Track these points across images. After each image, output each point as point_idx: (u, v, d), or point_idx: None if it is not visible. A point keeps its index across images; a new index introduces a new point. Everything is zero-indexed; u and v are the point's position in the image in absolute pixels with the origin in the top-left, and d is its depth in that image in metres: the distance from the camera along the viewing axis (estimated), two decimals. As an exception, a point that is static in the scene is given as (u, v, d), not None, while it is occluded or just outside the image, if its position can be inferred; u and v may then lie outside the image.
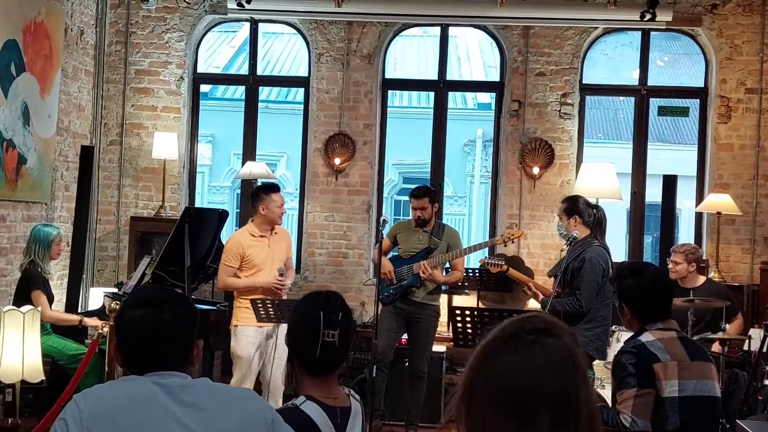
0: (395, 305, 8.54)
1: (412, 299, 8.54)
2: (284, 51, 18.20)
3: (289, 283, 7.98)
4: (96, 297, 9.84)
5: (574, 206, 7.38)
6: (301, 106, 11.47)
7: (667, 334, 4.50)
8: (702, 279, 8.59)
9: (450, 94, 11.58)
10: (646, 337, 4.49)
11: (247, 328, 7.68)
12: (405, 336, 8.85)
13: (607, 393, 6.15)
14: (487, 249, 10.70)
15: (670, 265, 8.43)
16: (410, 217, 8.78)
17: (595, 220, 7.30)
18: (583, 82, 10.81)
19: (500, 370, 1.87)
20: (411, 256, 8.61)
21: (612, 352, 7.04)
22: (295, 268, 10.64)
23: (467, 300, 9.94)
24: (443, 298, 9.76)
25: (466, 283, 9.84)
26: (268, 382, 7.71)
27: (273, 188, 8.05)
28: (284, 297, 7.72)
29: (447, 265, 8.80)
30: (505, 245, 9.38)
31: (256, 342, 7.70)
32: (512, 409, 1.82)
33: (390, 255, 8.77)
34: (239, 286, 7.84)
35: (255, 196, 8.01)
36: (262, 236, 7.86)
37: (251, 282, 7.78)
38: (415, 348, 8.66)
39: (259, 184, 9.45)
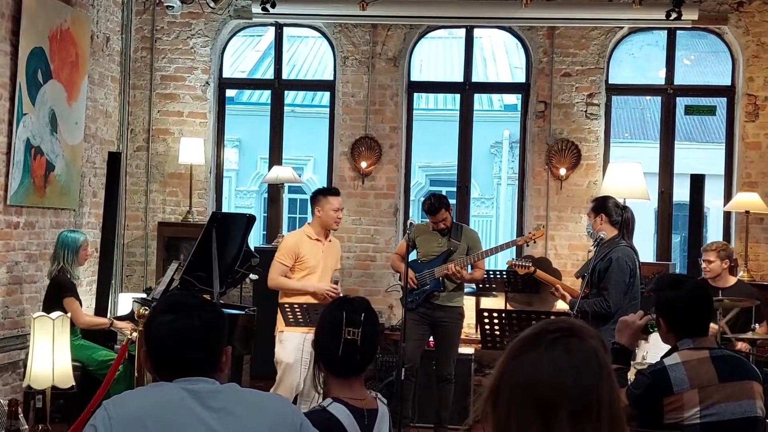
0: (418, 311, 8.53)
1: (435, 303, 8.54)
2: (309, 55, 18.21)
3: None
4: (125, 302, 9.88)
5: (601, 205, 7.36)
6: (327, 110, 11.48)
7: (697, 354, 4.33)
8: (733, 280, 8.55)
9: (476, 95, 11.57)
10: (672, 360, 4.34)
11: (294, 335, 7.64)
12: (431, 339, 8.84)
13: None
14: (514, 250, 10.70)
15: (703, 265, 8.39)
16: (427, 221, 8.78)
17: (623, 221, 7.27)
18: (609, 82, 10.77)
19: (522, 367, 1.90)
20: (431, 260, 8.60)
21: (641, 352, 7.00)
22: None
23: (495, 302, 9.92)
24: (471, 301, 9.77)
25: (494, 285, 9.83)
26: (300, 387, 7.72)
27: (331, 191, 8.10)
28: None
29: (469, 266, 8.78)
30: (527, 245, 9.35)
31: (299, 349, 7.63)
32: (533, 404, 1.85)
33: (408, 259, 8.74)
34: (291, 286, 7.84)
35: (313, 198, 8.05)
36: (318, 240, 7.90)
37: (303, 285, 7.78)
38: (441, 351, 8.66)
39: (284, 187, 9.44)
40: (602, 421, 1.85)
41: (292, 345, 7.67)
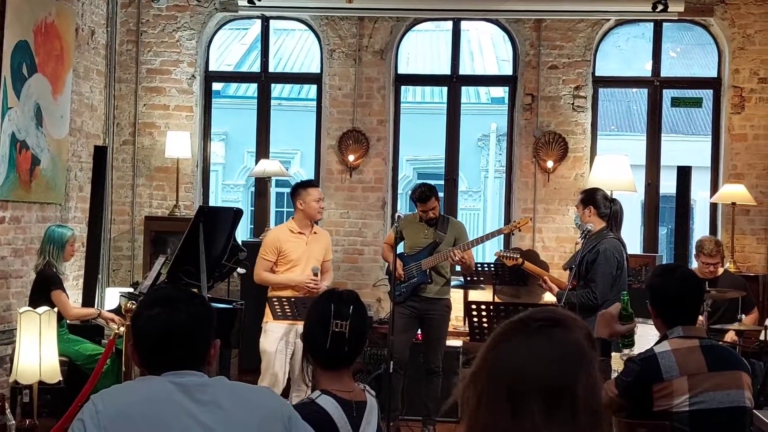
0: (406, 304, 8.53)
1: (422, 295, 8.54)
2: (296, 48, 18.18)
3: (325, 285, 7.95)
4: (112, 297, 9.87)
5: (590, 197, 7.36)
6: (314, 103, 11.46)
7: (686, 343, 4.36)
8: (720, 270, 8.57)
9: (463, 88, 11.57)
10: (662, 347, 4.37)
11: (277, 326, 7.76)
12: (419, 331, 8.84)
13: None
14: (501, 243, 10.72)
15: (711, 268, 8.39)
16: (415, 212, 8.79)
17: (611, 213, 7.28)
18: (596, 74, 10.78)
19: (501, 355, 1.88)
20: (417, 252, 8.61)
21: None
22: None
23: (483, 294, 9.93)
24: (459, 293, 9.77)
25: (482, 278, 9.83)
26: (285, 376, 7.78)
27: (310, 183, 8.22)
28: None
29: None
30: (513, 234, 9.31)
31: (284, 339, 7.77)
32: (506, 391, 1.83)
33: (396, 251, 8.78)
34: (274, 281, 7.96)
35: (293, 191, 8.10)
36: (300, 233, 7.98)
37: (285, 278, 7.89)
38: (429, 343, 8.67)
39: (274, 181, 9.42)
40: (579, 415, 1.82)
41: (275, 335, 7.78)
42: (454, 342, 9.39)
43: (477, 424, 1.87)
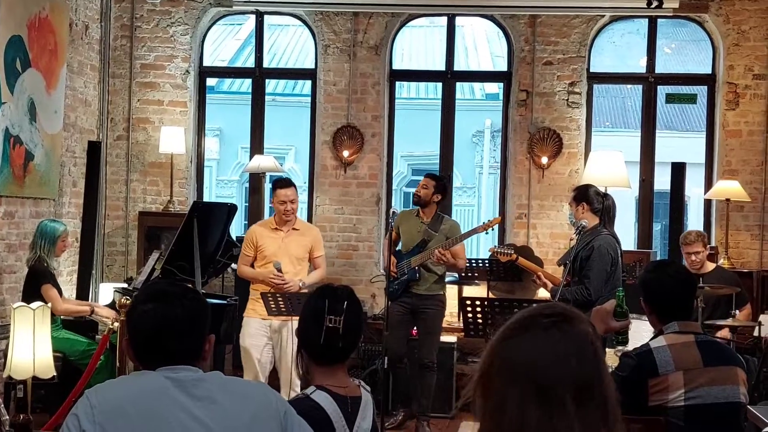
0: (401, 300, 8.57)
1: (414, 292, 8.56)
2: (290, 43, 18.17)
3: (308, 281, 7.87)
4: (106, 292, 9.84)
5: (583, 193, 7.37)
6: (309, 99, 11.43)
7: (682, 338, 4.36)
8: (712, 266, 8.58)
9: (458, 84, 11.55)
10: (658, 342, 4.37)
11: (252, 320, 7.78)
12: (414, 328, 8.85)
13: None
14: (497, 239, 10.71)
15: (693, 258, 8.39)
16: (414, 207, 8.82)
17: (604, 208, 7.28)
18: (591, 70, 10.77)
19: (517, 350, 1.88)
20: (411, 250, 8.63)
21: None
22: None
23: (477, 290, 9.93)
24: (453, 289, 9.77)
25: (476, 274, 9.83)
26: (287, 376, 7.75)
27: (279, 183, 8.02)
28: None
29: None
30: (486, 233, 9.29)
31: (259, 334, 7.75)
32: (533, 388, 1.83)
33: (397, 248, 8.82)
34: (248, 275, 7.99)
35: None
36: (277, 229, 7.92)
37: (255, 273, 7.89)
38: (423, 339, 8.68)
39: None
40: (607, 407, 1.84)
41: (249, 331, 7.79)
42: (448, 338, 9.39)
43: (503, 422, 1.86)
